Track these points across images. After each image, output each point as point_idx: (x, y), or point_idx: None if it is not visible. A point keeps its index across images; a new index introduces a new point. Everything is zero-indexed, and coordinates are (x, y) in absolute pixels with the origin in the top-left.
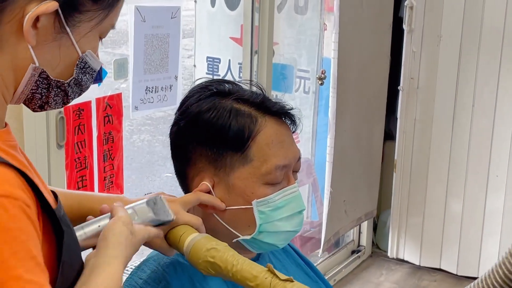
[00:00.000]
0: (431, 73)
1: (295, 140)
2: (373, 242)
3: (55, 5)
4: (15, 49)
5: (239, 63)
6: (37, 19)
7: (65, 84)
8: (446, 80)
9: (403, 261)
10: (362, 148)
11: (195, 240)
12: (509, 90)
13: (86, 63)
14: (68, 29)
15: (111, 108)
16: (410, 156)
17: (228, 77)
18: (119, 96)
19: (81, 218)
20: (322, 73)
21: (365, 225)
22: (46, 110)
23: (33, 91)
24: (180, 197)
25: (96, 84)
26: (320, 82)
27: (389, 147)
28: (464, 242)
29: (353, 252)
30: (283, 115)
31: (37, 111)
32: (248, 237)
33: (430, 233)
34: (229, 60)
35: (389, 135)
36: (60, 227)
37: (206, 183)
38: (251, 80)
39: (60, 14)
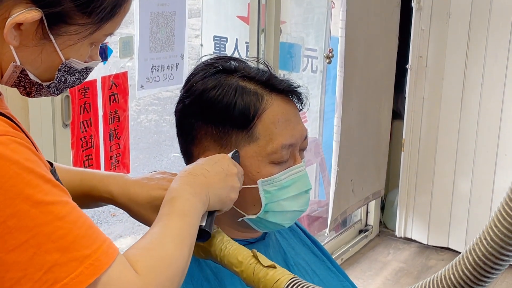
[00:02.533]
0: (440, 51)
1: (303, 120)
2: (380, 221)
3: (38, 15)
4: (0, 45)
5: (246, 42)
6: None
7: (44, 86)
8: (455, 58)
9: (410, 240)
10: (370, 127)
11: None
12: None
13: (71, 67)
14: (52, 37)
15: (117, 87)
16: (418, 135)
17: (235, 56)
18: (124, 74)
19: (82, 195)
20: (329, 51)
21: (372, 205)
22: (34, 97)
23: (16, 84)
24: None
25: (102, 63)
26: (327, 61)
27: (397, 126)
28: (472, 221)
29: (360, 231)
30: (290, 93)
31: (24, 96)
32: (253, 217)
33: (438, 212)
34: (236, 39)
35: (397, 114)
36: None
37: None
38: (258, 58)
39: (45, 22)
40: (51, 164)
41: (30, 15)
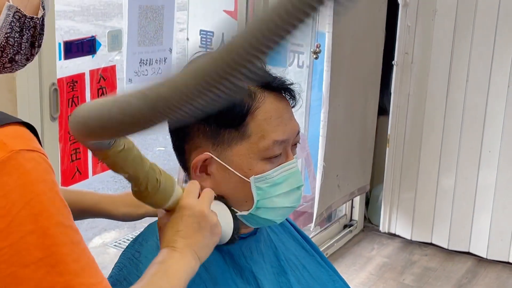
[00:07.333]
0: (426, 48)
1: None
2: (365, 216)
3: None
4: None
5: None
6: None
7: (37, 22)
8: (441, 55)
9: (394, 235)
10: (356, 123)
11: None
12: (503, 66)
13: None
14: None
15: (105, 81)
16: (404, 131)
17: None
18: (113, 68)
19: None
20: (317, 47)
21: (357, 200)
22: (14, 67)
23: (8, 34)
24: None
25: (90, 56)
26: (314, 56)
27: (382, 122)
28: (455, 217)
29: (345, 226)
30: (283, 90)
31: (5, 70)
32: (245, 213)
33: (422, 207)
34: (223, 34)
35: (383, 110)
36: None
37: (208, 153)
38: None
39: None
40: None
41: None
